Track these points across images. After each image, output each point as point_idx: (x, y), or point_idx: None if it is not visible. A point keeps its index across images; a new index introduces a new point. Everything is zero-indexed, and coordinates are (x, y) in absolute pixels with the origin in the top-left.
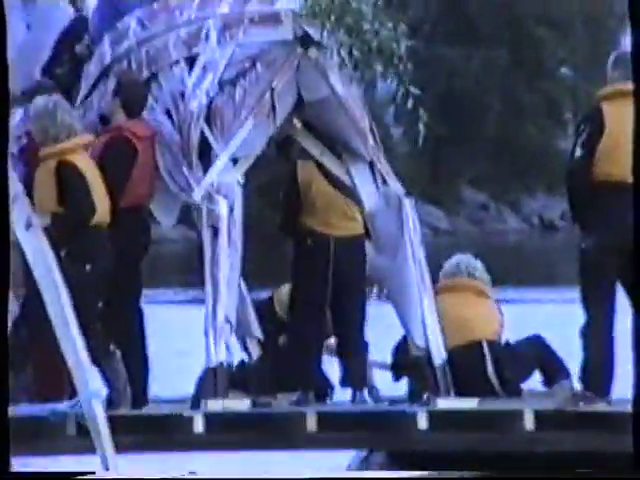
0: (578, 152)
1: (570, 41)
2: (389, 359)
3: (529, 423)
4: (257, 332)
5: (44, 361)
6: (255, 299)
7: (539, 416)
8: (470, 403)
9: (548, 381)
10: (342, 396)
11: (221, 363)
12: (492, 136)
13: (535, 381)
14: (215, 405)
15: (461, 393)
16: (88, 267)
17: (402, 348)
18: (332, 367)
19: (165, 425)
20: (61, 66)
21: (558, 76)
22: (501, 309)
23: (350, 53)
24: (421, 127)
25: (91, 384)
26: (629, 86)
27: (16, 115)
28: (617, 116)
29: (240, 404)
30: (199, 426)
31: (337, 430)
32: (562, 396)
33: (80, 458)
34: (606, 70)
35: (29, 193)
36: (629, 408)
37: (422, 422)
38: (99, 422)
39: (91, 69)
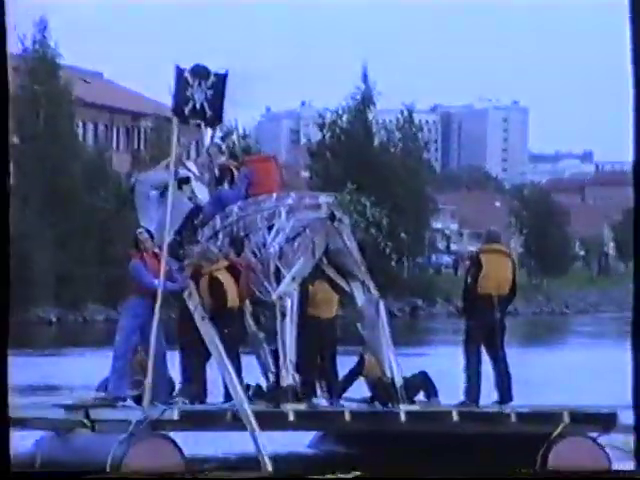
0: (469, 280)
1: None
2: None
3: (455, 417)
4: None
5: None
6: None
7: (460, 414)
8: (415, 407)
9: (427, 397)
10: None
11: (290, 384)
12: None
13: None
14: (289, 407)
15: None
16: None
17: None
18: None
19: (265, 416)
20: (186, 230)
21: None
22: None
23: (358, 224)
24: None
25: (239, 397)
26: (494, 246)
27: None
28: (489, 262)
29: (301, 406)
30: (292, 416)
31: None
32: (437, 405)
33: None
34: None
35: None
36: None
37: (402, 416)
38: (250, 415)
39: (205, 232)
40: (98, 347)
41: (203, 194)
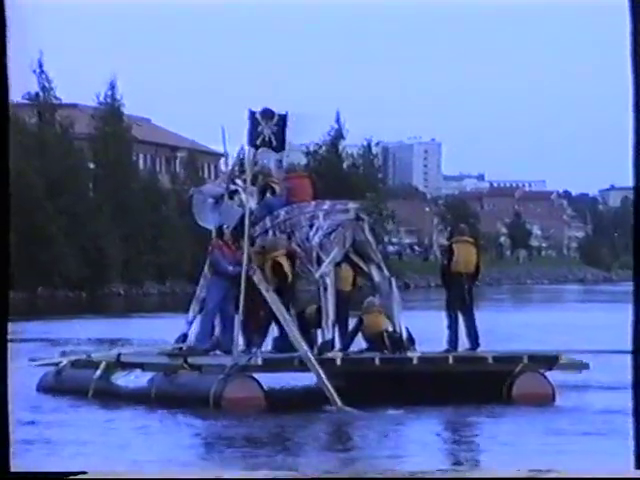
0: (445, 262)
1: None
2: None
3: (451, 360)
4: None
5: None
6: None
7: (454, 357)
8: (416, 354)
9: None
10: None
11: (330, 338)
12: None
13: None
14: (331, 355)
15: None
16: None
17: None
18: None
19: (320, 362)
20: (242, 227)
21: None
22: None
23: (376, 223)
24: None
25: (302, 348)
26: (464, 238)
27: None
28: (458, 249)
29: (339, 355)
30: (339, 361)
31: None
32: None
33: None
34: None
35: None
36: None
37: (415, 360)
38: (315, 365)
39: (257, 229)
40: (153, 313)
41: (249, 202)
